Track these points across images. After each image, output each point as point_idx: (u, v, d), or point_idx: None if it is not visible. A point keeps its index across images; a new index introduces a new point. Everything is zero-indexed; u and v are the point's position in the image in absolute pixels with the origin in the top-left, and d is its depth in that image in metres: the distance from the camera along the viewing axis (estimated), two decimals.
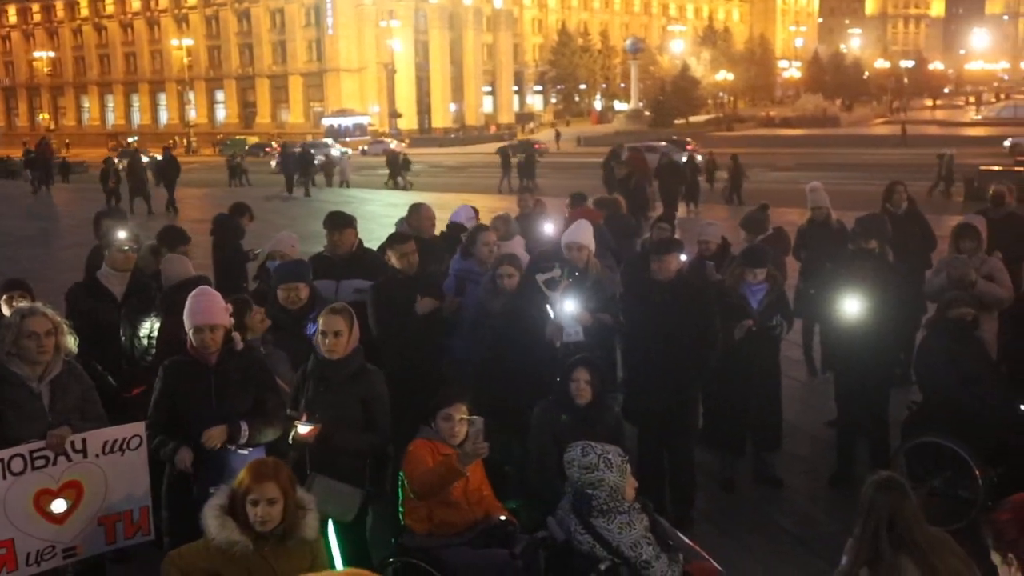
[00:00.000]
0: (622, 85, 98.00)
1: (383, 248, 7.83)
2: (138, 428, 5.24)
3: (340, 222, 8.06)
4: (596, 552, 4.71)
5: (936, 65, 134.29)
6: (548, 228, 9.69)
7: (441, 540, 5.40)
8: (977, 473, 6.98)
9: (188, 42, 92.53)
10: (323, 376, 5.61)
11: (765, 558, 6.89)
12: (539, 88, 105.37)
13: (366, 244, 8.41)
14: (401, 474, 5.48)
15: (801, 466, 8.47)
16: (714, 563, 5.46)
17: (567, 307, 7.36)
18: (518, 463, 6.59)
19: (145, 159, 37.01)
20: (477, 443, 5.19)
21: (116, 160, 34.92)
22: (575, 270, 7.25)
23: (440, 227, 9.64)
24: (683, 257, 8.66)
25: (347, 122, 79.73)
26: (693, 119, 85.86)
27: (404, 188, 40.55)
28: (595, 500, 4.82)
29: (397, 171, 42.66)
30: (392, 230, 8.89)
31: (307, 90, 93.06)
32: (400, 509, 5.56)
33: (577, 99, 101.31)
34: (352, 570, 1.69)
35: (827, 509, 7.60)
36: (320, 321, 5.61)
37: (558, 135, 69.33)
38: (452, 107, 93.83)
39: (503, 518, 5.52)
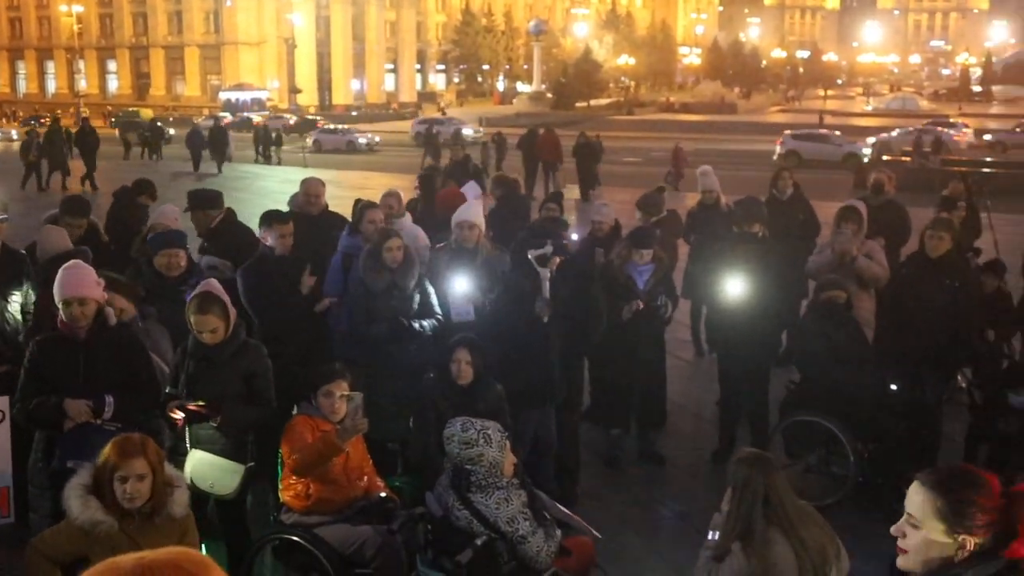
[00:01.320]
0: (525, 67, 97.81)
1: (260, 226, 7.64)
2: (1, 403, 5.05)
3: (190, 203, 8.23)
4: (473, 527, 4.72)
5: (830, 56, 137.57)
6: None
7: (320, 517, 5.36)
8: (849, 450, 7.23)
9: (78, 8, 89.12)
10: (205, 356, 5.51)
11: (647, 533, 7.04)
12: (442, 67, 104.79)
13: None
14: (280, 451, 5.42)
15: (684, 443, 8.65)
16: (594, 532, 5.53)
17: (457, 287, 7.36)
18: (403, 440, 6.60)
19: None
20: (356, 419, 5.16)
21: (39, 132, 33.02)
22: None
23: (338, 204, 9.51)
24: (575, 237, 8.79)
25: (245, 96, 77.99)
26: (594, 102, 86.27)
27: (277, 163, 39.85)
28: (474, 476, 4.82)
29: (268, 146, 41.27)
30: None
31: (204, 63, 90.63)
32: (279, 486, 5.50)
33: (480, 79, 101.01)
34: (178, 548, 1.62)
35: (708, 485, 7.75)
36: (192, 319, 5.46)
37: (443, 114, 68.35)
38: (354, 84, 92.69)
39: (383, 495, 5.52)
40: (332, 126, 56.61)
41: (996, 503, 2.69)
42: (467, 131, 50.84)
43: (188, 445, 5.50)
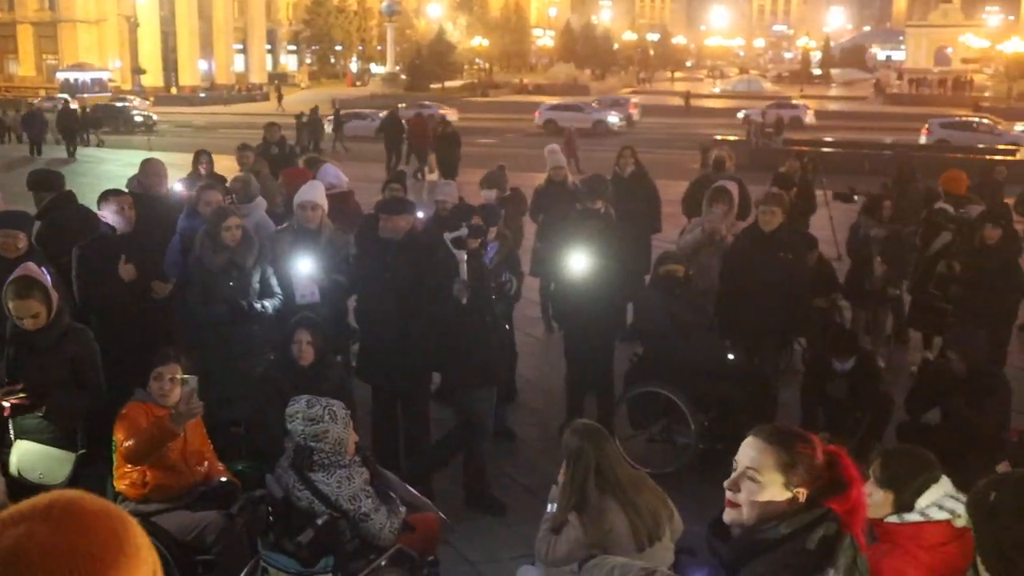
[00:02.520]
0: (379, 48, 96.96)
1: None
2: None
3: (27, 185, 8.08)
4: (315, 507, 4.68)
5: (679, 39, 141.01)
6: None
7: (158, 505, 5.23)
8: (690, 419, 7.46)
9: None
10: (26, 342, 5.29)
11: (496, 507, 7.10)
12: (293, 48, 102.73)
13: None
14: (114, 439, 5.25)
15: (533, 418, 8.78)
16: (440, 514, 5.57)
17: (301, 268, 7.26)
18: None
19: None
20: (191, 403, 5.04)
21: None
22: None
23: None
24: (420, 214, 8.76)
25: (85, 77, 74.67)
26: (449, 84, 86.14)
27: (98, 145, 38.00)
28: (317, 454, 4.78)
29: (78, 131, 36.68)
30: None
31: (39, 41, 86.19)
32: (113, 475, 5.33)
33: (333, 60, 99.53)
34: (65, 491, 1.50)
35: (556, 458, 7.85)
36: (10, 305, 5.25)
37: (280, 98, 66.71)
38: (201, 64, 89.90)
39: (224, 479, 5.42)
40: (357, 111, 46.63)
41: (821, 459, 2.81)
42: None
43: (12, 436, 5.28)
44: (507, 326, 8.38)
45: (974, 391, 6.79)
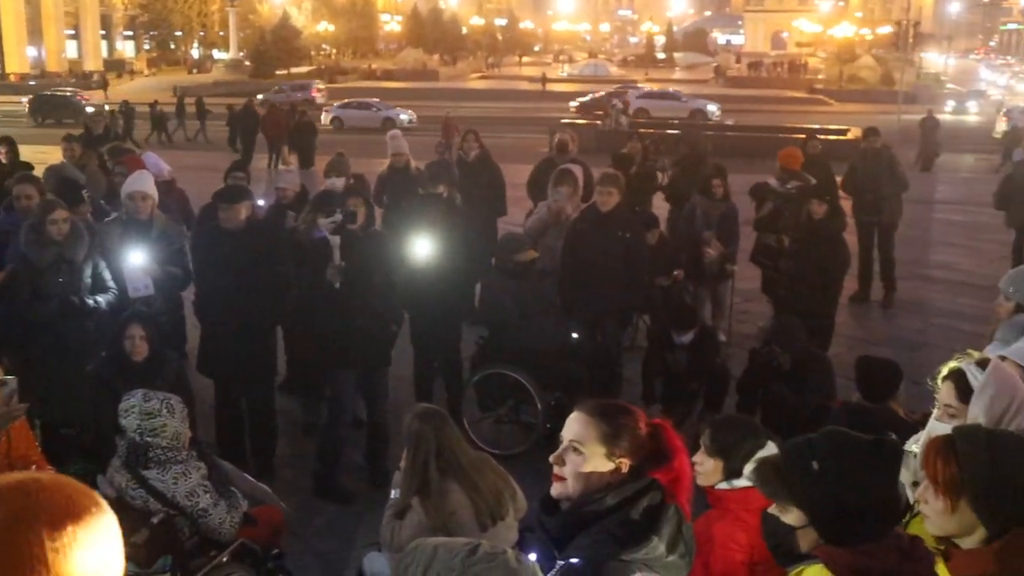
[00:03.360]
0: (221, 33, 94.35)
1: None
2: None
3: None
4: (150, 506, 4.55)
5: (527, 24, 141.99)
6: None
7: None
8: (537, 399, 7.56)
9: None
10: None
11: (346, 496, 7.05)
12: (130, 33, 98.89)
13: None
14: None
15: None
16: (282, 504, 5.50)
17: (133, 260, 7.04)
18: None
19: None
20: (10, 405, 4.81)
21: None
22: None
23: None
24: (261, 203, 8.61)
25: None
26: (295, 70, 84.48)
27: None
28: (152, 451, 4.64)
29: None
30: None
31: None
32: None
33: (173, 46, 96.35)
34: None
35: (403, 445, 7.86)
36: None
37: (106, 85, 64.15)
38: (31, 51, 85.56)
39: None
40: (359, 100, 43.27)
41: (644, 431, 2.88)
42: None
43: None
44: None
45: (798, 377, 7.12)
